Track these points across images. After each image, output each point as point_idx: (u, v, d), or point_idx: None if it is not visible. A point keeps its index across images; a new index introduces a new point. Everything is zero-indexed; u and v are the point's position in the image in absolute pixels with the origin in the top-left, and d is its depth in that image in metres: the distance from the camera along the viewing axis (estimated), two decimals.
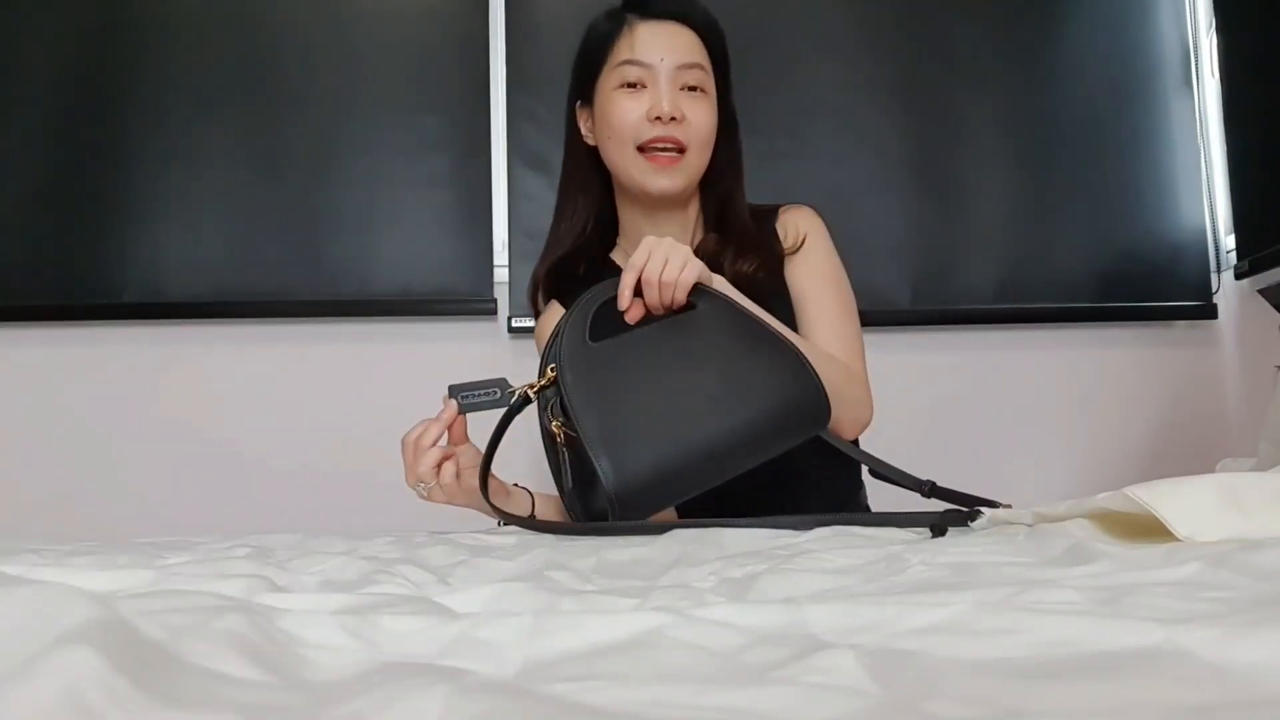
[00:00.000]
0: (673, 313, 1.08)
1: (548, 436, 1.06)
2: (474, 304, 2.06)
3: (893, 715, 0.27)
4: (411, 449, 1.14)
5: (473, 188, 2.09)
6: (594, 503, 1.04)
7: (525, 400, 1.07)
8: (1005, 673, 0.31)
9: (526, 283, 1.44)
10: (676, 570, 0.65)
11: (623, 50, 1.27)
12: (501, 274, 2.07)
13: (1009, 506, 1.00)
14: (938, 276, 2.13)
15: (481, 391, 1.10)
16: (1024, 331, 2.16)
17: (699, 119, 1.26)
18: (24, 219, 2.02)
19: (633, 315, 1.07)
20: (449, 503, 1.16)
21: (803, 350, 1.08)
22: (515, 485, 1.23)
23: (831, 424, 1.11)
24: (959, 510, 0.94)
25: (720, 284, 1.13)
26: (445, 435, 1.13)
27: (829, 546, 0.73)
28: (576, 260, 1.36)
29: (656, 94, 1.25)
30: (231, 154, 2.06)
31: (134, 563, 0.69)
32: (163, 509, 1.96)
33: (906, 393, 1.97)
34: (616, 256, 1.40)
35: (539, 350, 1.37)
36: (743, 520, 0.95)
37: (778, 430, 1.02)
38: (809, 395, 1.06)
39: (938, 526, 0.85)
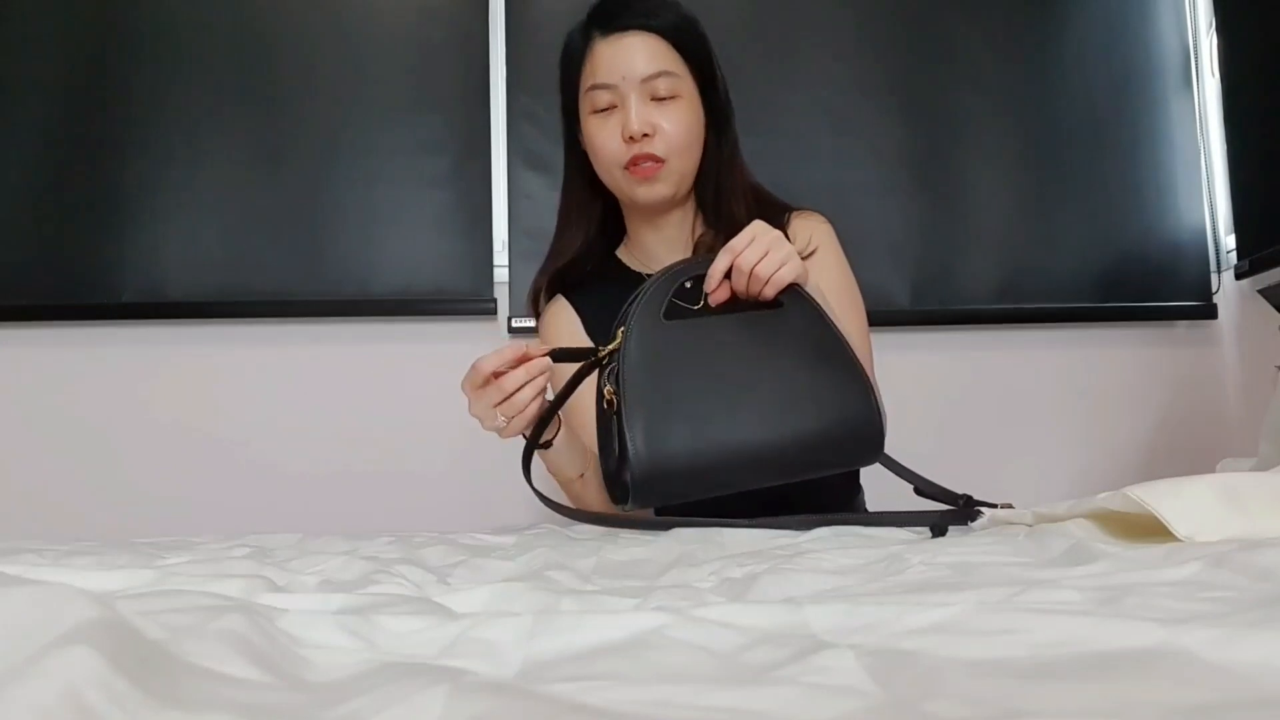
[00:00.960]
0: (757, 306, 1.04)
1: (604, 402, 1.04)
2: (474, 304, 2.06)
3: (893, 715, 0.27)
4: (498, 383, 1.07)
5: (473, 188, 2.08)
6: (622, 474, 1.01)
7: (595, 364, 1.05)
8: (1005, 673, 0.31)
9: (527, 284, 1.45)
10: (676, 570, 0.65)
11: (588, 75, 1.27)
12: (501, 274, 2.07)
13: (1009, 506, 1.00)
14: (938, 276, 2.13)
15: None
16: (1024, 331, 2.16)
17: (672, 127, 1.25)
18: (24, 218, 2.02)
19: (717, 298, 1.04)
20: (510, 435, 1.13)
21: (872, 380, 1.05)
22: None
23: None
24: (959, 510, 0.94)
25: (815, 289, 1.09)
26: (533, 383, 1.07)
27: (829, 546, 0.73)
28: (582, 261, 1.36)
29: (626, 114, 1.24)
30: (232, 154, 2.06)
31: (134, 563, 0.69)
32: (163, 509, 1.96)
33: (906, 393, 1.97)
34: (622, 254, 1.41)
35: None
36: (743, 520, 0.95)
37: (824, 453, 1.00)
38: (867, 427, 1.02)
39: (938, 526, 0.85)
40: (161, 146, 2.05)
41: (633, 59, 1.24)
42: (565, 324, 1.37)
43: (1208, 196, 2.20)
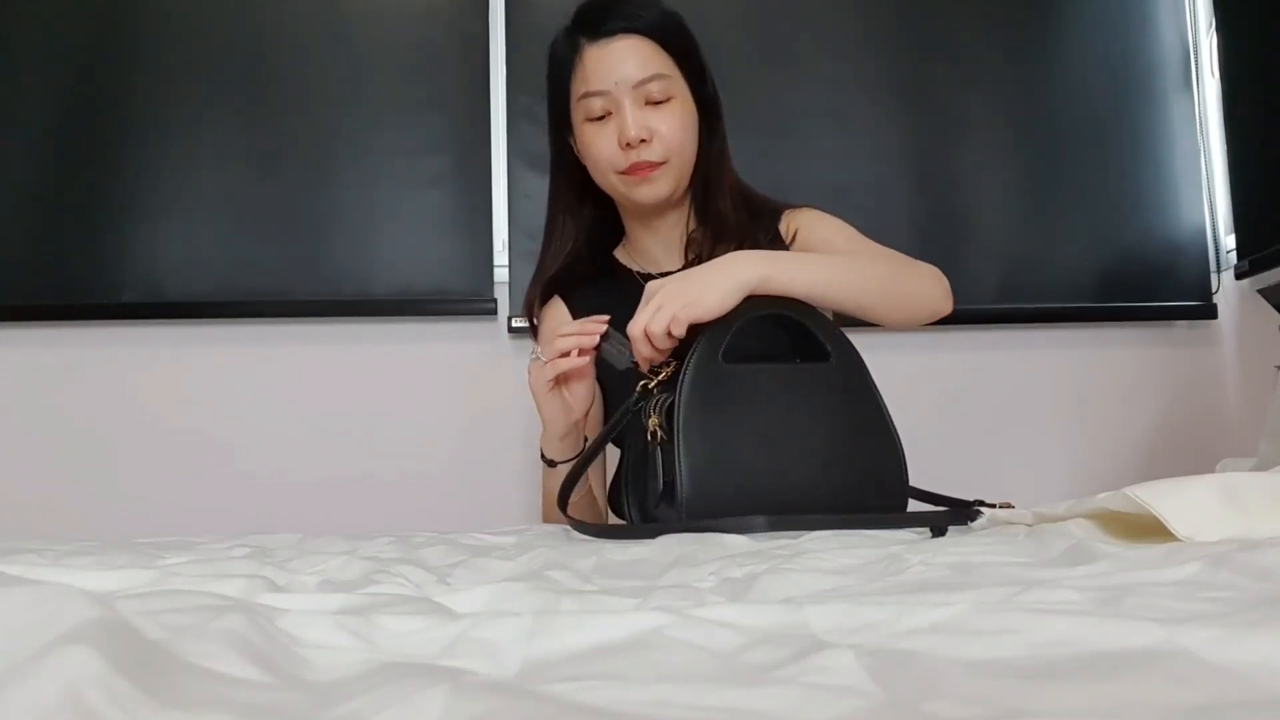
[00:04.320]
0: (807, 357, 1.09)
1: (639, 431, 1.07)
2: (474, 304, 2.06)
3: (893, 715, 0.27)
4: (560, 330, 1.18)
5: (473, 188, 2.08)
6: (655, 508, 1.06)
7: (644, 395, 1.08)
8: (1005, 673, 0.31)
9: (526, 283, 1.45)
10: (676, 570, 0.65)
11: (579, 82, 1.26)
12: (501, 274, 2.07)
13: (1009, 506, 1.00)
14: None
15: (618, 346, 1.12)
16: (1024, 331, 2.16)
17: (668, 129, 1.25)
18: (23, 219, 2.02)
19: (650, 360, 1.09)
20: (535, 383, 1.20)
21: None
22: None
23: (905, 316, 1.19)
24: (959, 510, 0.95)
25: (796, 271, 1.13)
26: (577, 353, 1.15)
27: (829, 546, 0.73)
28: (573, 266, 1.37)
29: (621, 120, 1.24)
30: (231, 154, 2.06)
31: (134, 563, 0.69)
32: (162, 509, 1.96)
33: (906, 392, 1.96)
34: (620, 255, 1.41)
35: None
36: (743, 520, 0.95)
37: (853, 503, 1.03)
38: (895, 484, 1.08)
39: (938, 526, 0.85)
40: (161, 147, 2.05)
41: (624, 64, 1.24)
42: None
43: (1208, 196, 2.20)
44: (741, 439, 1.02)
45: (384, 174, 2.07)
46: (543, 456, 1.27)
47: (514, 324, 2.03)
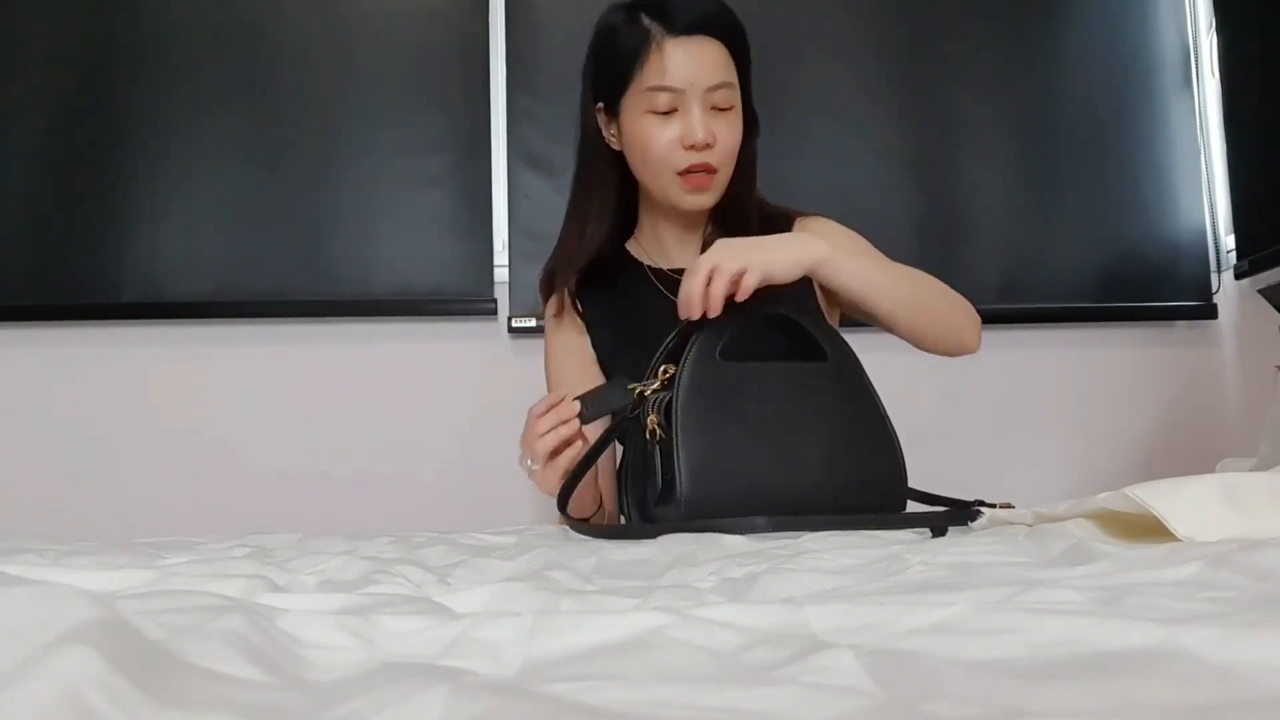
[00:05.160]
0: (805, 358, 1.09)
1: (638, 431, 1.07)
2: (474, 304, 2.06)
3: (893, 715, 0.27)
4: (533, 424, 1.10)
5: (473, 188, 2.08)
6: (654, 507, 1.06)
7: (639, 401, 1.08)
8: (1005, 673, 0.31)
9: (527, 284, 1.45)
10: (676, 570, 0.65)
11: (652, 73, 1.22)
12: (501, 274, 2.07)
13: (1010, 506, 1.00)
14: (937, 276, 2.12)
15: (606, 397, 1.10)
16: (1024, 331, 2.16)
17: (727, 138, 1.25)
18: (24, 219, 2.02)
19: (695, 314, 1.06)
20: (545, 489, 1.13)
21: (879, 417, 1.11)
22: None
23: (934, 342, 1.22)
24: (959, 510, 0.95)
25: (834, 265, 1.13)
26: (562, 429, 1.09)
27: (829, 546, 0.73)
28: (600, 256, 1.34)
29: (689, 121, 1.22)
30: (231, 154, 2.06)
31: (134, 563, 0.69)
32: (162, 509, 1.96)
33: (906, 392, 1.96)
34: (632, 247, 1.39)
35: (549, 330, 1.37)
36: (744, 520, 0.95)
37: (853, 502, 1.03)
38: (894, 482, 1.08)
39: (938, 527, 0.85)
40: (161, 147, 2.05)
41: (702, 67, 1.22)
42: (576, 349, 1.36)
43: (1208, 196, 2.20)
44: (740, 436, 1.02)
45: (384, 174, 2.07)
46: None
47: (514, 324, 2.03)
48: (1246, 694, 0.28)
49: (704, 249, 1.32)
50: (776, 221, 1.35)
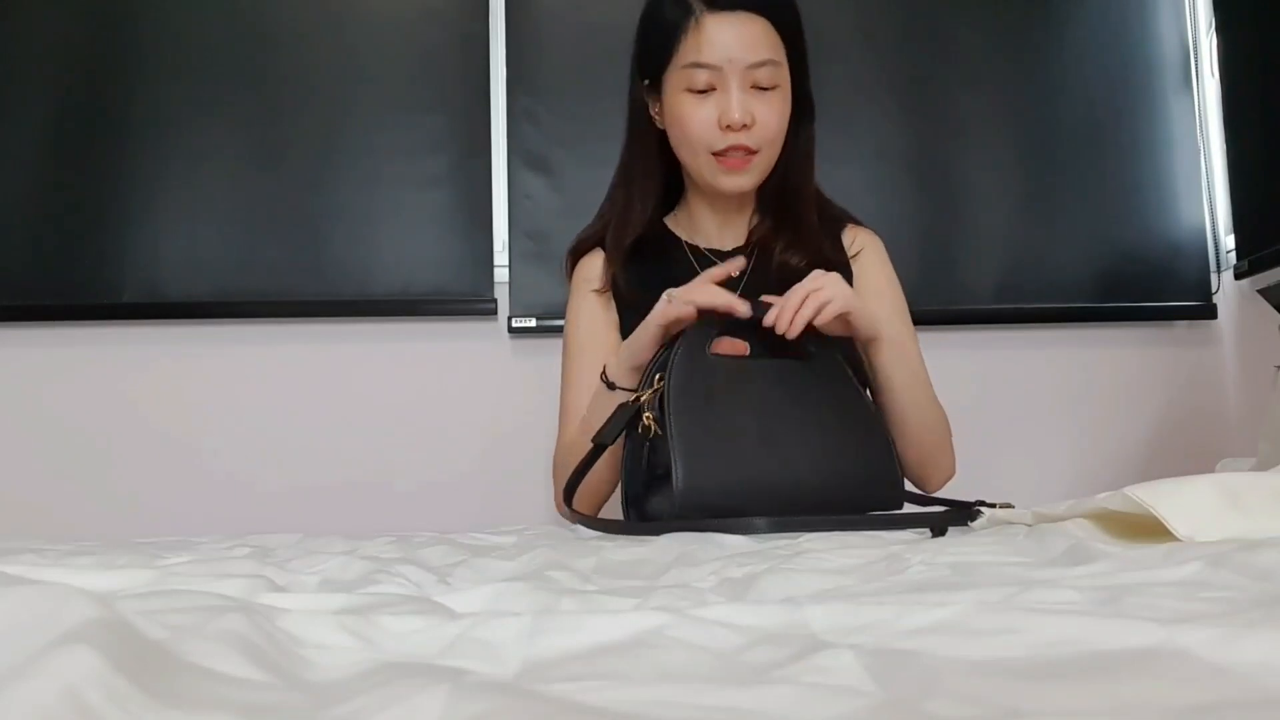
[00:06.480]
0: (788, 355, 1.09)
1: (639, 425, 1.08)
2: (474, 304, 2.06)
3: (893, 715, 0.27)
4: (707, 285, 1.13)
5: (473, 188, 2.08)
6: (649, 499, 1.06)
7: (636, 405, 1.09)
8: (1005, 673, 0.31)
9: (527, 284, 1.44)
10: (676, 570, 0.65)
11: (689, 50, 1.19)
12: (501, 274, 2.07)
13: (1009, 506, 1.00)
14: (937, 276, 2.12)
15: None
16: (1024, 331, 2.16)
17: (769, 119, 1.22)
18: (24, 219, 2.02)
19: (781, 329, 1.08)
20: (658, 324, 1.13)
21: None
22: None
23: (915, 462, 1.23)
24: (959, 510, 0.95)
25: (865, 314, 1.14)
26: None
27: (829, 546, 0.73)
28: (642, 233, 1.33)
29: (726, 101, 1.19)
30: (231, 153, 2.06)
31: (134, 563, 0.69)
32: (162, 509, 1.96)
33: None
34: (670, 222, 1.37)
35: (572, 295, 1.37)
36: (744, 521, 0.95)
37: (846, 497, 1.04)
38: (888, 476, 1.10)
39: (938, 526, 0.85)
40: (161, 146, 2.05)
41: (741, 42, 1.19)
42: (602, 318, 1.34)
43: (1207, 196, 2.20)
44: (733, 429, 1.03)
45: (384, 174, 2.07)
46: (604, 377, 1.20)
47: (514, 324, 2.03)
48: (1246, 694, 0.28)
49: (750, 236, 1.31)
50: (831, 223, 1.34)
